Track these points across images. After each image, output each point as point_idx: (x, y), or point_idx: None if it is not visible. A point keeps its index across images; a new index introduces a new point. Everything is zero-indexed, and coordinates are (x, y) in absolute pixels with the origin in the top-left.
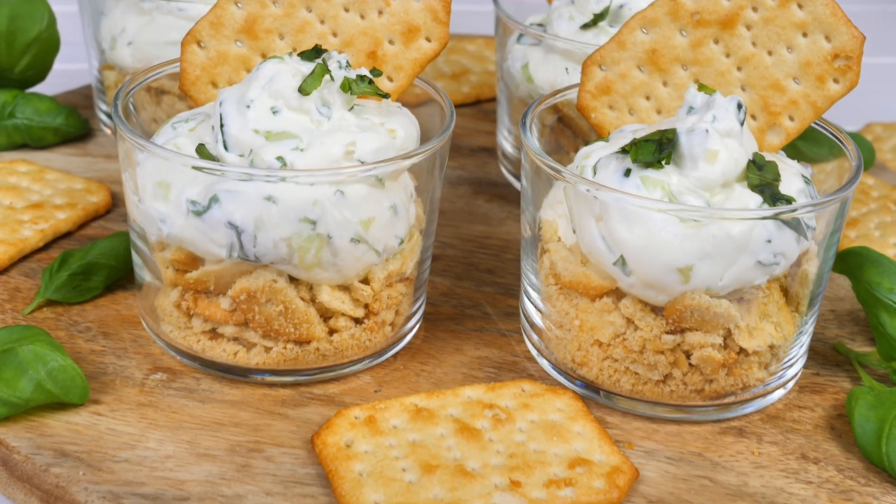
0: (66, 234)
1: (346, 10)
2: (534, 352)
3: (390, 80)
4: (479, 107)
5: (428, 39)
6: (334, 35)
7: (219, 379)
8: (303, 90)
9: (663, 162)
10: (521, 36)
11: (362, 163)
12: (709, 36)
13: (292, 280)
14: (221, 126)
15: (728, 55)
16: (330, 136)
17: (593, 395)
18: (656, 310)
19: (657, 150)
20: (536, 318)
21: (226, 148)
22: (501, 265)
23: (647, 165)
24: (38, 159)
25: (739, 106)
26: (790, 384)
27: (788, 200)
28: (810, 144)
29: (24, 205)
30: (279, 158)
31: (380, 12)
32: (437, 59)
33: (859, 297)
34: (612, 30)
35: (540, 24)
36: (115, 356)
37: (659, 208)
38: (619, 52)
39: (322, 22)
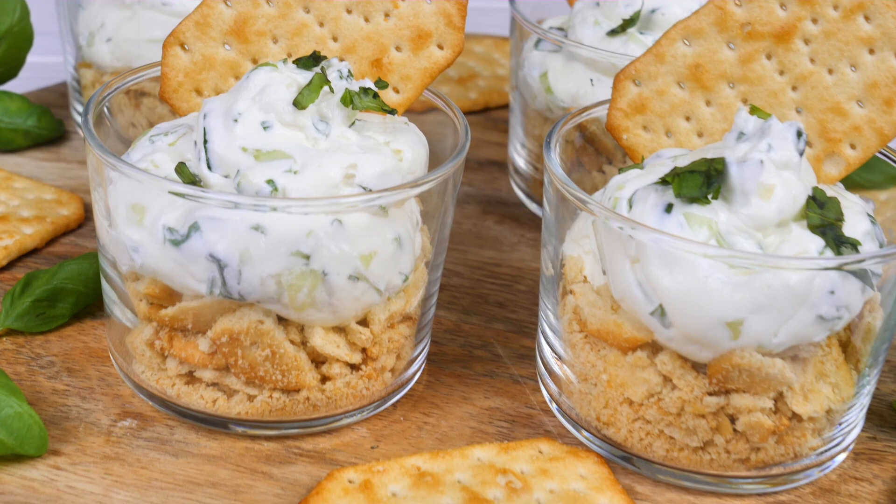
0: (33, 251)
1: (349, 11)
2: (552, 404)
3: (396, 91)
4: (488, 115)
5: (440, 47)
6: (335, 40)
7: (195, 428)
8: (298, 103)
9: (710, 197)
10: (539, 41)
11: (365, 189)
12: (761, 50)
13: (281, 320)
14: (205, 142)
15: (782, 73)
16: (328, 156)
17: (621, 459)
18: (698, 367)
19: (704, 183)
20: (555, 366)
21: (209, 167)
22: (513, 298)
23: (692, 200)
24: (7, 164)
25: (799, 133)
26: (846, 452)
27: (854, 245)
28: (860, 169)
29: None
30: (269, 182)
31: (386, 15)
32: None
33: None
34: (642, 37)
35: (560, 28)
36: (79, 397)
37: (706, 253)
38: (656, 65)
39: (321, 24)
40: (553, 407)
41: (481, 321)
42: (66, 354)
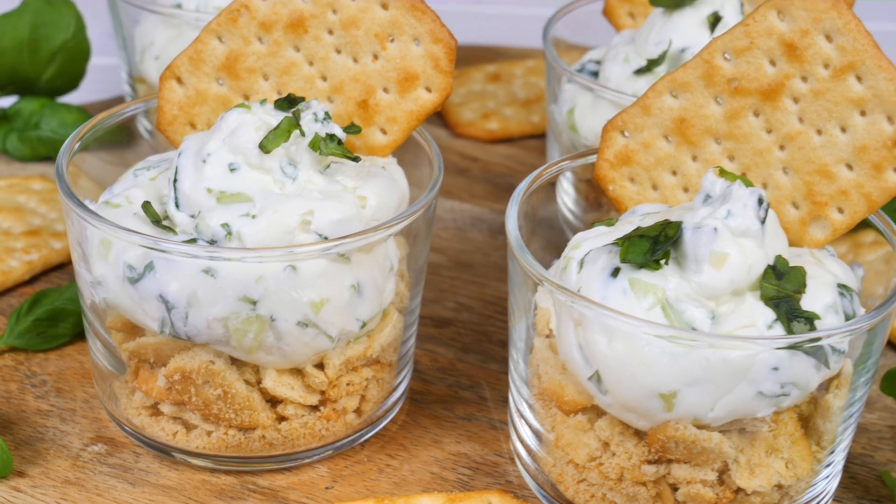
0: (60, 266)
1: (338, 51)
2: (515, 454)
3: (384, 132)
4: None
5: (428, 90)
6: (323, 79)
7: (159, 458)
8: (263, 147)
9: (663, 262)
10: None
11: (321, 236)
12: (748, 107)
13: (235, 361)
14: (175, 181)
15: (769, 131)
16: (286, 202)
17: None
18: (640, 434)
19: (650, 249)
20: (516, 417)
21: (177, 206)
22: None
23: (641, 265)
24: None
25: (760, 201)
26: None
27: (809, 319)
28: None
29: (21, 230)
30: (224, 226)
31: (375, 56)
32: (512, 82)
33: None
34: None
35: (598, 62)
36: (60, 419)
37: (633, 328)
38: (643, 117)
39: (311, 64)
40: (515, 457)
41: (477, 360)
42: (60, 374)
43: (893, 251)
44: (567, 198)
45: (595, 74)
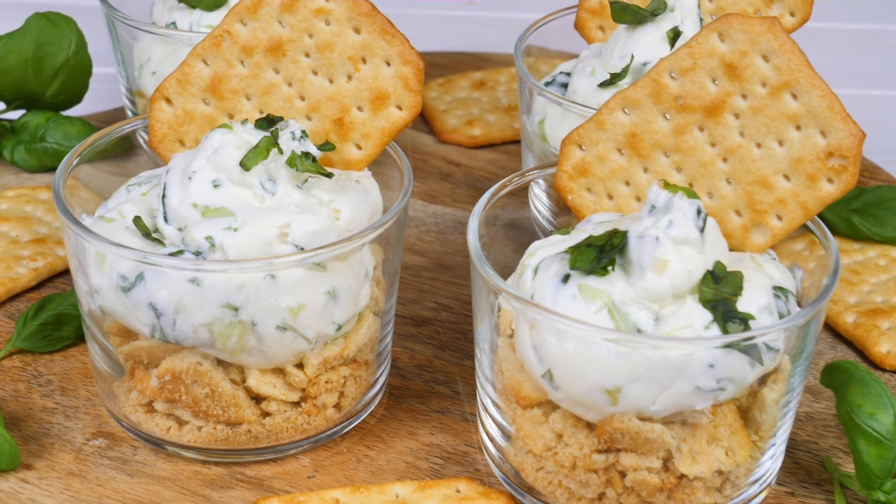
0: (65, 272)
1: (315, 73)
2: (482, 444)
3: (359, 148)
4: None
5: (399, 108)
6: (301, 99)
7: (155, 451)
8: (243, 165)
9: (610, 268)
10: (545, 84)
11: (297, 247)
12: (693, 122)
13: (221, 362)
14: (163, 196)
15: (713, 145)
16: (265, 216)
17: (531, 502)
18: (590, 426)
19: (597, 257)
20: (482, 412)
21: (166, 220)
22: None
23: (589, 272)
24: None
25: (699, 211)
26: None
27: (744, 319)
28: (871, 222)
29: (28, 238)
30: (208, 238)
31: (349, 77)
32: (497, 89)
33: (840, 418)
34: None
35: (569, 74)
36: (64, 416)
37: (582, 332)
38: (597, 132)
39: (290, 85)
40: (483, 447)
41: (453, 357)
42: (65, 374)
43: (826, 255)
44: (539, 203)
45: (566, 86)
